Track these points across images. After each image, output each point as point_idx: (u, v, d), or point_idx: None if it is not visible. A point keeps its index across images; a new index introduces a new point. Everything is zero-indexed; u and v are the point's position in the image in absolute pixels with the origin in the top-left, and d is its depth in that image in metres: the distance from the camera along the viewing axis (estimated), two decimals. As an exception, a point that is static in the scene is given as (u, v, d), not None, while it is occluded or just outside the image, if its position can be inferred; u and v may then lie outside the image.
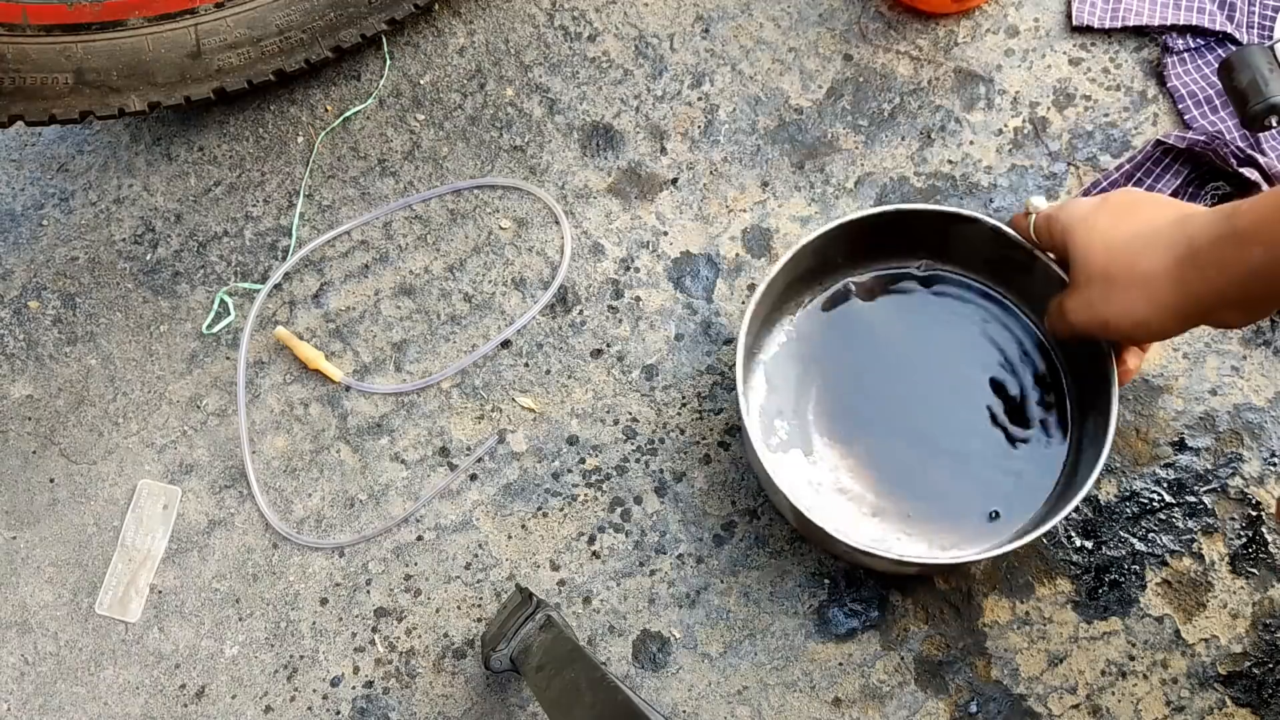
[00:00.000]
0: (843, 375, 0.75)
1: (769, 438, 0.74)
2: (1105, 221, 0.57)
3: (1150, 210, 0.57)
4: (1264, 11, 0.84)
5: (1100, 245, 0.57)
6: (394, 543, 0.79)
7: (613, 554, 0.77)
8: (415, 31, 0.93)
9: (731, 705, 0.73)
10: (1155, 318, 0.55)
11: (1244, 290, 0.51)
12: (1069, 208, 0.61)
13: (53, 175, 0.92)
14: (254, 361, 0.84)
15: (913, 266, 0.76)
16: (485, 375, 0.83)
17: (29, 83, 0.76)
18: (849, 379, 0.75)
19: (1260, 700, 0.71)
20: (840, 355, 0.76)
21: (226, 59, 0.82)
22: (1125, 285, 0.55)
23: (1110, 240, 0.56)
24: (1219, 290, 0.52)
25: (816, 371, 0.75)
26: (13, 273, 0.89)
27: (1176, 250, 0.53)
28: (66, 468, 0.83)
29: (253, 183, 0.90)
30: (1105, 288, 0.56)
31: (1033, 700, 0.72)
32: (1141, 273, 0.54)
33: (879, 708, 0.73)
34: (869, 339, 0.76)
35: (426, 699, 0.75)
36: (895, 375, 0.75)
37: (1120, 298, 0.55)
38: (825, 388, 0.75)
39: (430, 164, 0.89)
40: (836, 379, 0.75)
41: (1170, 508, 0.76)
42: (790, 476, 0.73)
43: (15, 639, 0.79)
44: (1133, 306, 0.55)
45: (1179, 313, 0.54)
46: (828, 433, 0.74)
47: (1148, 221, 0.56)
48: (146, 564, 0.80)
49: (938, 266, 0.75)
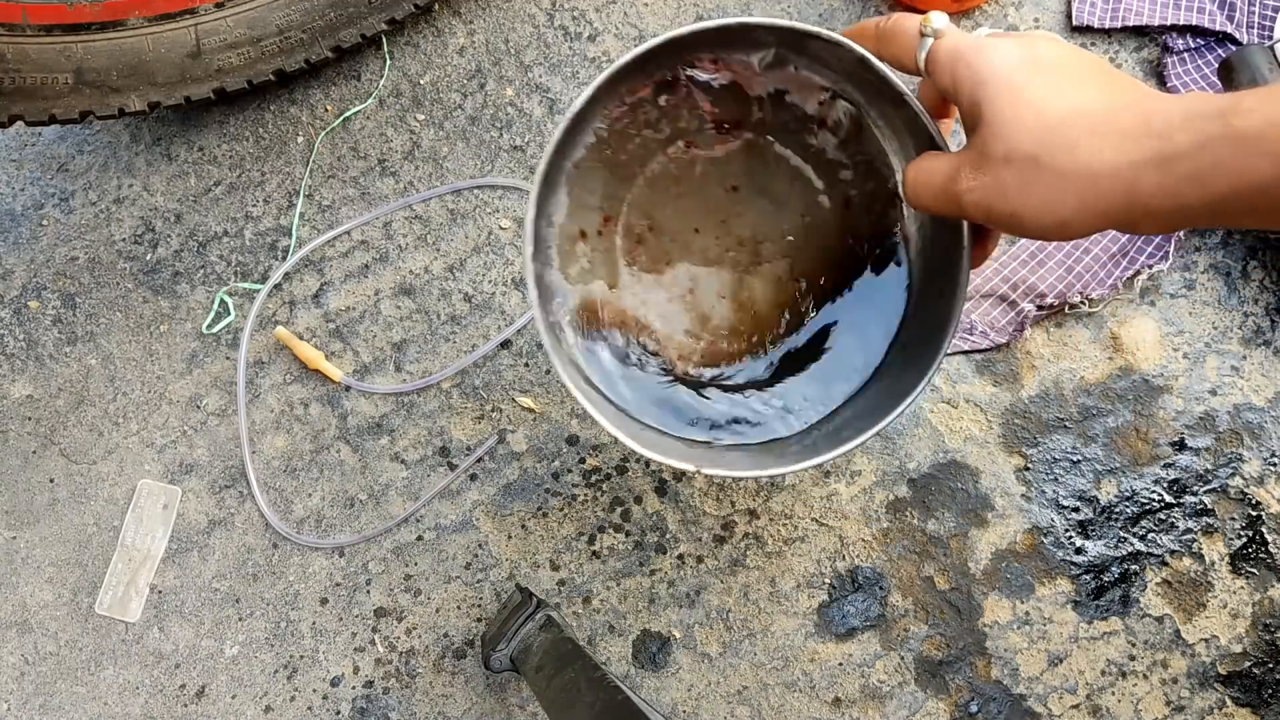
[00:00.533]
0: (656, 190, 0.63)
1: (569, 265, 0.62)
2: (1040, 86, 0.44)
3: (1098, 80, 0.44)
4: (1264, 11, 0.84)
5: (1030, 117, 0.43)
6: (394, 543, 0.79)
7: (613, 554, 0.77)
8: (415, 31, 0.93)
9: (731, 705, 0.73)
10: (1084, 221, 0.43)
11: (1235, 207, 0.40)
12: (988, 50, 0.45)
13: (53, 175, 0.92)
14: (254, 361, 0.84)
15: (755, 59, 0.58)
16: (485, 375, 0.83)
17: (29, 83, 0.76)
18: (664, 194, 0.63)
19: (1260, 700, 0.71)
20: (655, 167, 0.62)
21: (226, 59, 0.82)
22: (1057, 177, 0.42)
23: (1044, 113, 0.43)
24: (1190, 205, 0.40)
25: (628, 181, 0.62)
26: (13, 273, 0.89)
27: (1139, 146, 0.41)
28: (66, 468, 0.83)
29: (253, 183, 0.90)
30: (1028, 173, 0.43)
31: (1033, 700, 0.72)
32: (1083, 165, 0.42)
33: (879, 708, 0.73)
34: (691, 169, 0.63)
35: (426, 699, 0.75)
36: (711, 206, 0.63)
37: (1045, 191, 0.43)
38: (637, 205, 0.63)
39: (430, 164, 0.89)
40: (650, 194, 0.63)
41: (1170, 508, 0.76)
42: None
43: (15, 639, 0.79)
44: (1059, 204, 0.43)
45: (1116, 219, 0.43)
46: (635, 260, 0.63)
47: (1097, 97, 0.43)
48: (146, 564, 0.80)
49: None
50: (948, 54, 0.47)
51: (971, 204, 0.46)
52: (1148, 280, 0.81)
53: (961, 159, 0.47)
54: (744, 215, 0.63)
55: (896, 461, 0.78)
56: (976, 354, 0.80)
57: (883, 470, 0.78)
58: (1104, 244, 0.81)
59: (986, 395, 0.79)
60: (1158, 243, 0.80)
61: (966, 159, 0.46)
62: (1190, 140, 0.39)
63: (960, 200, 0.47)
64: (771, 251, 0.63)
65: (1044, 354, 0.80)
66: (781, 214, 0.63)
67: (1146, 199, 0.41)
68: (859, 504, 0.78)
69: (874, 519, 0.77)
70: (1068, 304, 0.80)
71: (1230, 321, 0.80)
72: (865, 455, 0.79)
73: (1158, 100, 0.42)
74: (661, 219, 0.63)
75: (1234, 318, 0.80)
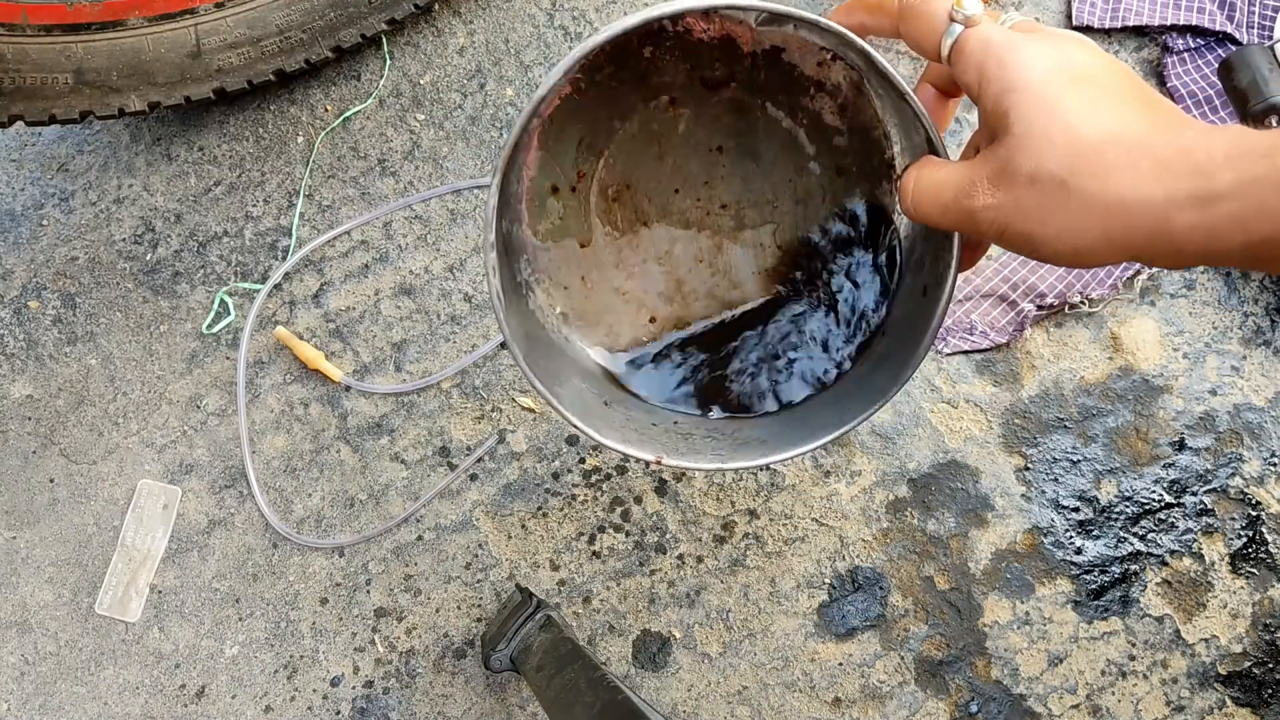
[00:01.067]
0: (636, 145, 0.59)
1: (539, 222, 0.59)
2: (1074, 101, 0.40)
3: (1135, 99, 0.41)
4: (1264, 11, 0.84)
5: (1062, 136, 0.40)
6: (394, 543, 0.79)
7: (613, 554, 0.77)
8: (415, 31, 0.93)
9: (731, 705, 0.73)
10: (1102, 252, 0.40)
11: (1272, 253, 0.37)
12: (1021, 51, 0.42)
13: (53, 175, 0.92)
14: (254, 361, 0.84)
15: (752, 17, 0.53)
16: (485, 375, 0.83)
17: (29, 83, 0.76)
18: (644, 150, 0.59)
19: (1260, 700, 0.71)
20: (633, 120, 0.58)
21: (226, 59, 0.82)
22: (1083, 204, 0.39)
23: (1078, 133, 0.39)
24: (1224, 248, 0.37)
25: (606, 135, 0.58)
26: (13, 273, 0.89)
27: (1177, 181, 0.38)
28: (66, 468, 0.83)
29: (253, 183, 0.90)
30: (1053, 197, 0.40)
31: (1033, 700, 0.72)
32: (1114, 195, 0.39)
33: (879, 708, 0.73)
34: None
35: (426, 699, 0.75)
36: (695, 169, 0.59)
37: (1069, 217, 0.40)
38: (614, 160, 0.59)
39: (430, 164, 0.89)
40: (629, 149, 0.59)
41: (1170, 508, 0.76)
42: None
43: (15, 639, 0.79)
44: (1080, 232, 0.40)
45: (1137, 253, 0.40)
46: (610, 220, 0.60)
47: (1133, 120, 0.40)
48: (146, 564, 0.80)
49: None
50: (977, 47, 0.42)
51: (987, 221, 0.42)
52: (1148, 280, 0.81)
53: (977, 171, 0.42)
54: (728, 178, 0.59)
55: (896, 461, 0.78)
56: (976, 354, 0.80)
57: (883, 470, 0.78)
58: (1104, 244, 0.80)
59: (986, 395, 0.79)
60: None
61: (984, 172, 0.42)
62: (1234, 180, 0.36)
63: (975, 217, 0.43)
64: (754, 217, 0.60)
65: (1044, 354, 0.80)
66: (768, 179, 0.59)
67: (1178, 237, 0.38)
68: (859, 504, 0.78)
69: (874, 519, 0.77)
70: (1068, 304, 0.80)
71: (1230, 321, 0.80)
72: (865, 455, 0.79)
73: (1198, 131, 0.39)
74: (640, 177, 0.59)
75: (1234, 318, 0.80)
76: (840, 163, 0.58)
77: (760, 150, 0.59)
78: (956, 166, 0.44)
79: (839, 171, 0.58)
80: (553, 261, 0.60)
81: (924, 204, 0.45)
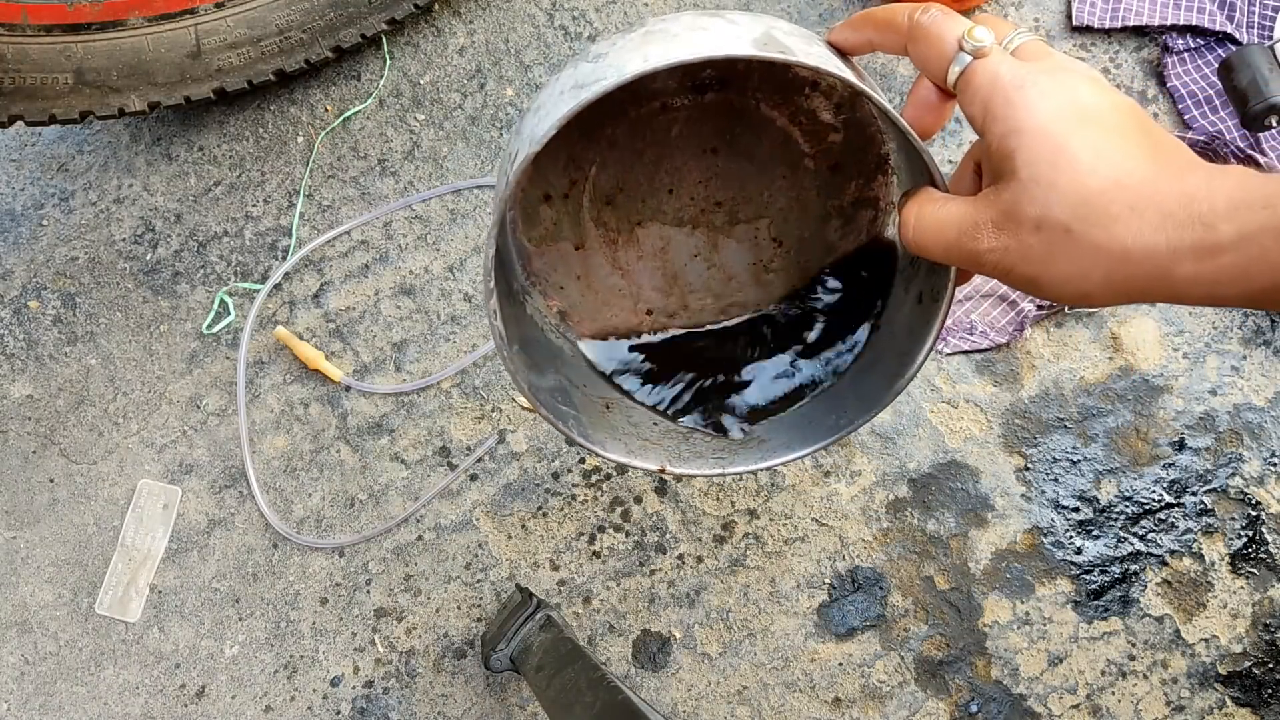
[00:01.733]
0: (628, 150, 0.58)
1: (532, 229, 0.58)
2: (1080, 145, 0.40)
3: (1141, 141, 0.41)
4: (1264, 11, 0.84)
5: (1068, 183, 0.40)
6: (394, 543, 0.79)
7: (613, 554, 0.77)
8: (415, 31, 0.93)
9: (731, 705, 0.73)
10: (1106, 296, 0.41)
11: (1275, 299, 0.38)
12: (1029, 90, 0.41)
13: (53, 175, 0.92)
14: (254, 361, 0.84)
15: None
16: (485, 375, 0.83)
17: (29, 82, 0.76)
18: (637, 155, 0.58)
19: (1260, 700, 0.71)
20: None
21: (226, 59, 0.82)
22: (1088, 250, 0.40)
23: (1084, 180, 0.40)
24: (1225, 294, 0.39)
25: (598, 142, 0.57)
26: (13, 273, 0.89)
27: (1179, 232, 0.38)
28: (66, 468, 0.83)
29: (253, 183, 0.90)
30: (1058, 243, 0.40)
31: (1033, 700, 0.72)
32: (1118, 243, 0.39)
33: (879, 708, 0.73)
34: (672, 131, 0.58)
35: (426, 699, 0.75)
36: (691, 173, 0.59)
37: (1074, 263, 0.40)
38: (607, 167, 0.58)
39: (430, 164, 0.89)
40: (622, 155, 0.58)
41: (1170, 508, 0.76)
42: None
43: (15, 639, 0.79)
44: (1084, 278, 0.40)
45: (1141, 297, 0.41)
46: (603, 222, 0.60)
47: (1138, 166, 0.40)
48: (146, 564, 0.80)
49: None
50: (985, 82, 0.42)
51: (991, 264, 0.42)
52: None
53: (981, 213, 0.42)
54: (722, 178, 0.59)
55: (896, 461, 0.78)
56: (976, 354, 0.80)
57: (883, 470, 0.78)
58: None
59: (986, 395, 0.79)
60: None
61: (988, 215, 0.42)
62: (1235, 232, 0.37)
63: (979, 259, 0.43)
64: (748, 212, 0.60)
65: (1044, 354, 0.80)
66: (762, 176, 0.59)
67: (1179, 286, 0.39)
68: (859, 504, 0.78)
69: (874, 519, 0.77)
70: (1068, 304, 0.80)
71: (1230, 321, 0.80)
72: (865, 455, 0.79)
73: (1201, 176, 0.39)
74: (632, 181, 0.59)
75: (1234, 317, 0.80)
76: (835, 159, 0.58)
77: (754, 149, 0.59)
78: (959, 204, 0.44)
79: (833, 168, 0.58)
80: (547, 264, 0.60)
81: (927, 242, 0.45)
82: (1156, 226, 0.38)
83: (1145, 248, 0.39)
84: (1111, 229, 0.39)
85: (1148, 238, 0.39)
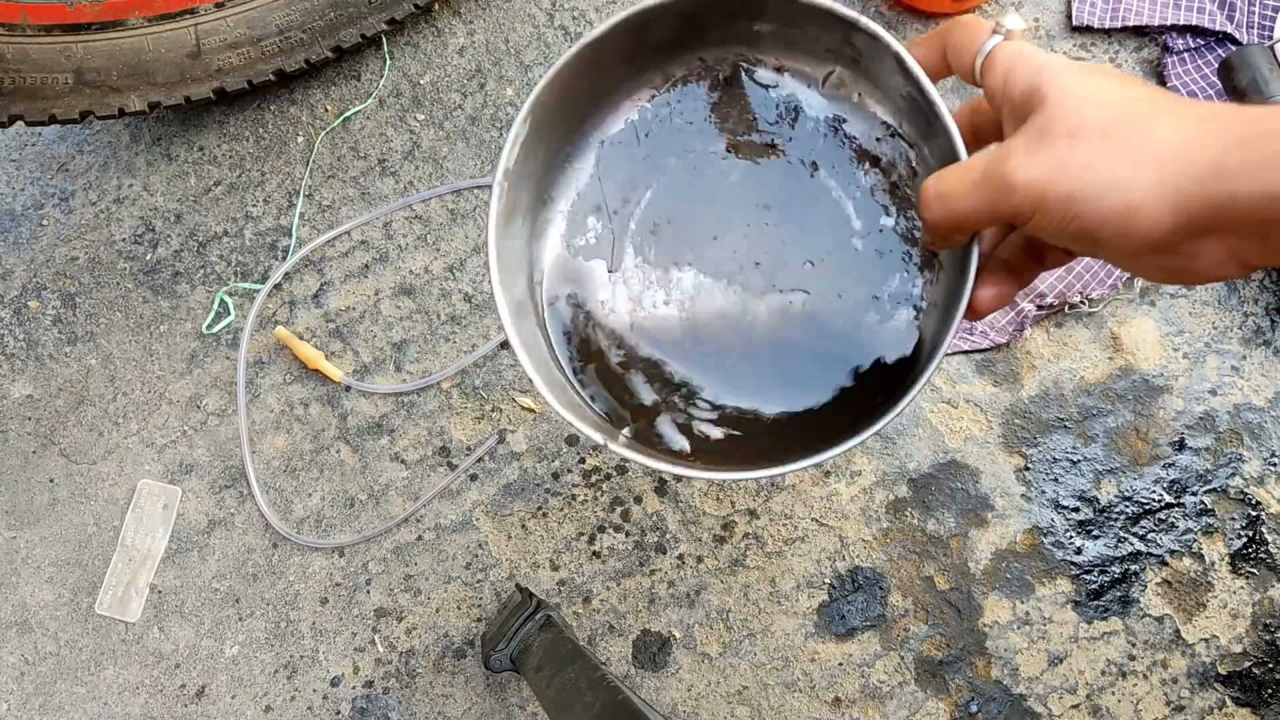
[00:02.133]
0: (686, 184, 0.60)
1: (575, 236, 0.60)
2: (1106, 82, 0.41)
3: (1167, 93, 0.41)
4: (1264, 11, 0.84)
5: (1102, 96, 0.40)
6: (394, 543, 0.79)
7: (613, 554, 0.77)
8: (415, 31, 0.93)
9: (731, 705, 0.73)
10: (1156, 205, 0.38)
11: None
12: (1052, 57, 0.43)
13: (53, 175, 0.92)
14: (254, 361, 0.84)
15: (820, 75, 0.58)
16: (485, 375, 0.83)
17: (29, 83, 0.76)
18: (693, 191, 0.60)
19: (1260, 700, 0.71)
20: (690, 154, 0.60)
21: (226, 59, 0.82)
22: (1130, 148, 0.38)
23: (1118, 97, 0.39)
24: None
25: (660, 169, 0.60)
26: (13, 273, 0.89)
27: (1224, 126, 0.37)
28: (66, 468, 0.83)
29: (253, 183, 0.90)
30: (1097, 147, 0.39)
31: (1033, 700, 0.72)
32: (1162, 138, 0.38)
33: (879, 708, 0.73)
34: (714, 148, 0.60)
35: (426, 699, 0.75)
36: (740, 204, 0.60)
37: (1116, 165, 0.38)
38: (662, 194, 0.60)
39: (430, 164, 0.89)
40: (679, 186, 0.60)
41: (1170, 508, 0.76)
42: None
43: (15, 639, 0.79)
44: (1131, 181, 0.38)
45: (1193, 205, 0.38)
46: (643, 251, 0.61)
47: (1169, 94, 0.40)
48: (146, 564, 0.80)
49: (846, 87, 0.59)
50: (1009, 54, 0.43)
51: (1024, 186, 0.40)
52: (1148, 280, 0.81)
53: (1008, 145, 0.41)
54: (768, 236, 0.59)
55: (896, 461, 0.78)
56: (976, 354, 0.80)
57: (883, 470, 0.78)
58: (1104, 244, 0.80)
59: (986, 395, 0.79)
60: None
61: (1017, 143, 0.41)
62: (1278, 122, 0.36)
63: (1009, 183, 0.40)
64: (785, 281, 0.60)
65: (1044, 354, 0.80)
66: (809, 246, 0.59)
67: (1235, 177, 0.37)
68: (859, 504, 0.78)
69: (874, 519, 0.77)
70: (1068, 304, 0.80)
71: (1230, 321, 0.80)
72: (865, 455, 0.79)
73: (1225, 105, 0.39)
74: (683, 215, 0.60)
75: (1234, 317, 0.80)
76: (883, 245, 0.58)
77: (806, 215, 0.59)
78: (981, 155, 0.43)
79: (880, 254, 0.58)
80: (578, 275, 0.60)
81: (950, 190, 0.43)
82: (1199, 125, 0.38)
83: (1192, 138, 0.37)
84: (1154, 127, 0.38)
85: (1192, 132, 0.37)
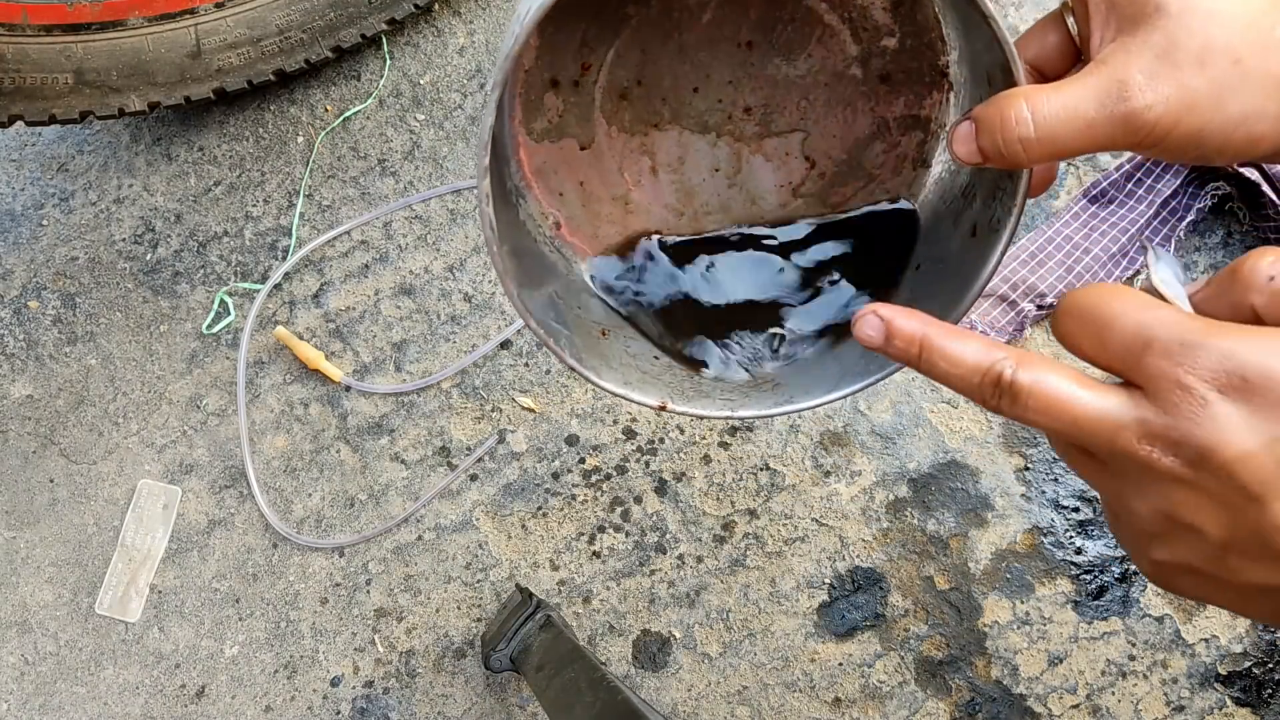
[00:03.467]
0: (651, 34, 0.51)
1: (533, 120, 0.51)
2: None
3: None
4: None
5: (1228, 7, 0.35)
6: (394, 543, 0.79)
7: (613, 554, 0.77)
8: (415, 31, 0.93)
9: (731, 705, 0.73)
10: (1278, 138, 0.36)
11: None
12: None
13: (53, 175, 0.92)
14: (254, 361, 0.84)
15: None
16: (485, 375, 0.83)
17: (29, 83, 0.76)
18: (661, 41, 0.51)
19: (1260, 700, 0.71)
20: None
21: (226, 59, 0.82)
22: (1262, 77, 0.35)
23: (1244, 6, 0.35)
24: None
25: (620, 21, 0.50)
26: (13, 273, 0.89)
27: None
28: (66, 468, 0.83)
29: (253, 183, 0.90)
30: (1229, 78, 0.35)
31: (1033, 700, 0.72)
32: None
33: (879, 708, 0.73)
34: None
35: (426, 699, 0.75)
36: None
37: (1247, 95, 0.35)
38: (625, 51, 0.51)
39: (430, 164, 0.89)
40: (643, 39, 0.51)
41: (1170, 508, 0.76)
42: None
43: (15, 639, 0.79)
44: (1260, 112, 0.35)
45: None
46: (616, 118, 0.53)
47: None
48: (146, 564, 0.80)
49: None
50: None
51: (1151, 123, 0.36)
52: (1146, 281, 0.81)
53: (1121, 69, 0.36)
54: (755, 79, 0.52)
55: (896, 461, 0.78)
56: (976, 354, 0.80)
57: (883, 470, 0.78)
58: (1104, 244, 0.81)
59: (986, 395, 0.79)
60: (1157, 243, 0.80)
61: (1135, 67, 0.36)
62: None
63: (1134, 122, 0.36)
64: (781, 123, 0.52)
65: (1044, 353, 0.80)
66: (801, 81, 0.51)
67: None
68: (859, 504, 0.78)
69: (874, 519, 0.77)
70: (1068, 304, 0.80)
71: (1230, 321, 0.80)
72: (865, 455, 0.79)
73: None
74: (654, 73, 0.51)
75: (1234, 318, 0.80)
76: (886, 68, 0.51)
77: (794, 48, 0.51)
78: (1079, 80, 0.37)
79: (883, 78, 0.51)
80: (548, 164, 0.53)
81: (1060, 129, 0.37)
82: None
83: None
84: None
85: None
